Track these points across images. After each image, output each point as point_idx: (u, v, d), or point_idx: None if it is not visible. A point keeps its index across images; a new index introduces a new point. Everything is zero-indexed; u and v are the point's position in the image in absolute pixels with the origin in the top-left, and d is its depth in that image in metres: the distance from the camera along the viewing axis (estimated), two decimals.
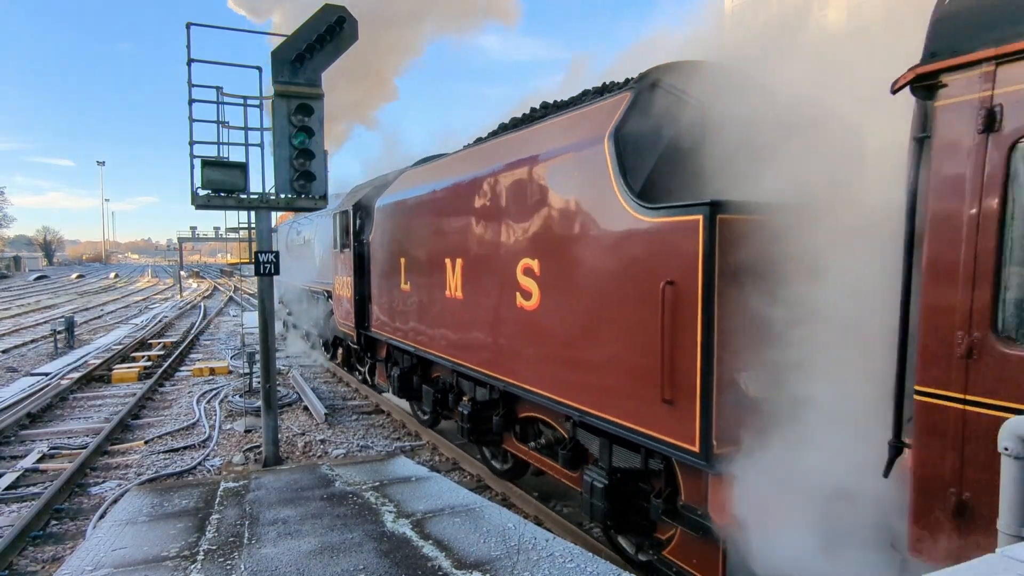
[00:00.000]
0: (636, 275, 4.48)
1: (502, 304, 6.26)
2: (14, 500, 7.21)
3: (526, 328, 5.89)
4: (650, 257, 4.34)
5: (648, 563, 5.17)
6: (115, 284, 57.30)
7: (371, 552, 4.68)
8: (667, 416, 4.24)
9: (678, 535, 4.68)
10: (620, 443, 4.96)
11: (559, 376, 5.45)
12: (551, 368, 5.56)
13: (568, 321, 5.27)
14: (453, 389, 8.03)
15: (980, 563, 1.71)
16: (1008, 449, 2.25)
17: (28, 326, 23.94)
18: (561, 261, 5.34)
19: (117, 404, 11.56)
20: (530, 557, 4.51)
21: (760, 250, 3.78)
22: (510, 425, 6.92)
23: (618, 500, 5.02)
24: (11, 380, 13.66)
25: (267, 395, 7.84)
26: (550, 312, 5.52)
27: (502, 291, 6.25)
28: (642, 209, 4.37)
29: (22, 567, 5.75)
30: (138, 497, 6.05)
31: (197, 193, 7.27)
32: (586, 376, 5.09)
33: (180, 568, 4.48)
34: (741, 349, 3.90)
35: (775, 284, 3.70)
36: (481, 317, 6.75)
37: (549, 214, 5.48)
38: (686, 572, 4.60)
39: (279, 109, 7.34)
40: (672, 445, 4.23)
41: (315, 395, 11.86)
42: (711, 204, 3.85)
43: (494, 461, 7.81)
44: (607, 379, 4.83)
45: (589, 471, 5.23)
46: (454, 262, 7.32)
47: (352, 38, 7.51)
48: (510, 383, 6.23)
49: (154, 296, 41.75)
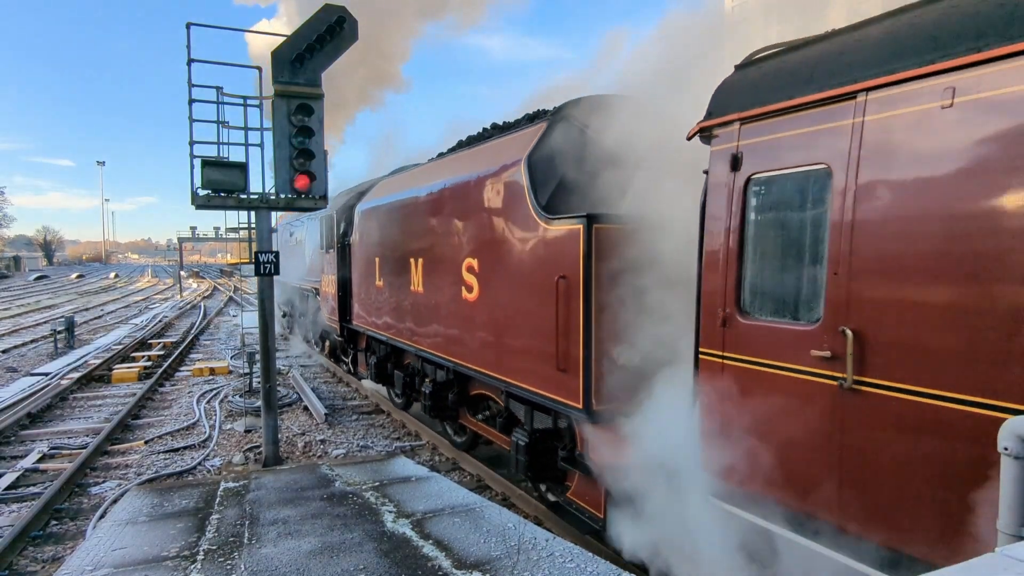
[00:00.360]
0: (542, 271, 5.68)
1: (452, 297, 7.49)
2: (14, 500, 7.21)
3: (470, 317, 7.10)
4: (551, 257, 5.55)
5: (557, 503, 6.39)
6: (115, 284, 57.29)
7: (371, 552, 4.68)
8: (563, 382, 5.44)
9: (576, 479, 5.86)
10: (538, 408, 6.18)
11: (494, 356, 6.61)
12: (489, 350, 6.71)
13: (498, 309, 6.51)
14: (419, 373, 9.25)
15: (979, 563, 1.71)
16: (1008, 449, 2.25)
17: (28, 326, 23.94)
18: (492, 260, 6.56)
19: (117, 404, 11.56)
20: (530, 557, 4.51)
21: (624, 252, 4.96)
22: (463, 402, 8.14)
23: (536, 455, 6.16)
24: (11, 380, 13.66)
25: (267, 395, 7.84)
26: (486, 303, 6.75)
27: (452, 286, 7.48)
28: (546, 219, 5.59)
29: (22, 567, 5.75)
30: (138, 497, 6.05)
31: (197, 193, 7.27)
32: (512, 354, 6.28)
33: (180, 568, 4.48)
34: (613, 328, 5.06)
35: (635, 278, 4.88)
36: (437, 309, 7.98)
37: (484, 221, 6.67)
38: (581, 507, 5.79)
39: (279, 109, 7.33)
40: (565, 404, 5.46)
41: (315, 395, 11.87)
42: (588, 216, 5.08)
43: (455, 435, 8.95)
44: (526, 355, 6.04)
45: (515, 433, 6.37)
46: (417, 261, 8.54)
47: (352, 38, 7.51)
48: (459, 364, 7.45)
49: (154, 296, 41.75)
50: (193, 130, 7.24)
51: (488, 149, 7.12)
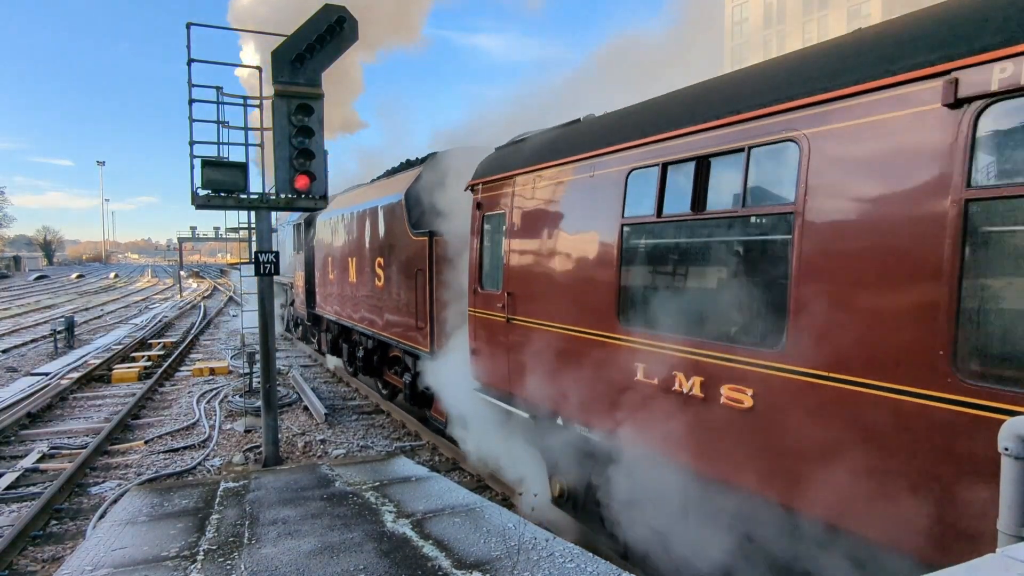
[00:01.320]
0: (410, 266, 8.91)
1: (371, 284, 10.64)
2: (14, 500, 7.21)
3: (379, 297, 10.28)
4: (414, 257, 8.78)
5: (426, 418, 9.75)
6: (115, 284, 57.26)
7: (371, 552, 4.68)
8: (421, 336, 8.68)
9: (434, 401, 9.15)
10: (415, 356, 9.31)
11: (392, 325, 9.78)
12: (389, 321, 9.88)
13: (391, 292, 9.72)
14: (358, 345, 12.22)
15: (980, 563, 1.71)
16: (1008, 449, 2.24)
17: (28, 326, 23.93)
18: (389, 258, 9.80)
19: (117, 404, 11.56)
20: (530, 557, 4.51)
21: (447, 253, 8.16)
22: (384, 362, 11.33)
23: (414, 388, 9.49)
24: (11, 380, 13.66)
25: (267, 395, 7.83)
26: (385, 287, 9.98)
27: (371, 276, 10.61)
28: (413, 233, 8.79)
29: (22, 567, 5.75)
30: (138, 497, 6.05)
31: (197, 193, 7.26)
32: (399, 322, 9.46)
33: (180, 568, 4.48)
34: (443, 300, 8.19)
35: (450, 270, 8.07)
36: (364, 294, 11.05)
37: (384, 231, 9.97)
38: (435, 418, 9.16)
39: (279, 109, 7.32)
40: (422, 350, 8.74)
41: (315, 395, 11.87)
42: (430, 232, 8.39)
43: (383, 390, 11.85)
44: (406, 322, 9.17)
45: (405, 376, 9.88)
46: (352, 260, 11.77)
47: (352, 38, 7.50)
48: (377, 333, 10.51)
49: (154, 296, 41.74)
50: (193, 130, 7.24)
51: (389, 182, 10.49)
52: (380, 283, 10.07)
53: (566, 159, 5.44)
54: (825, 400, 3.19)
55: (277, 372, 9.66)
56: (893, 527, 2.91)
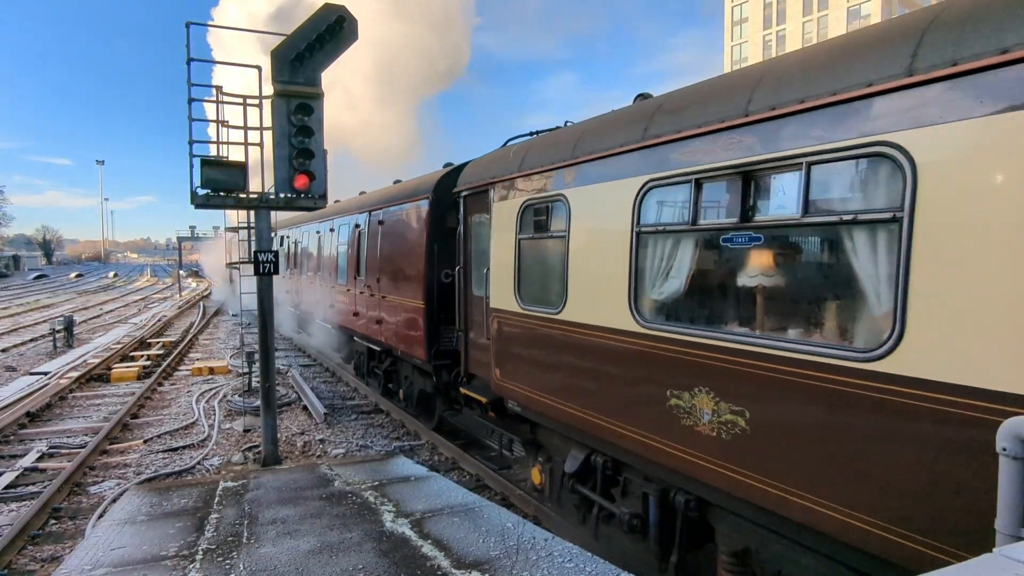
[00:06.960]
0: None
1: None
2: (13, 499, 7.20)
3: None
4: None
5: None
6: (114, 283, 57.24)
7: (370, 552, 4.68)
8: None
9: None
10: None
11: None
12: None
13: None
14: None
15: (978, 563, 1.71)
16: (1006, 449, 2.25)
17: (27, 325, 23.92)
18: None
19: (116, 403, 11.55)
20: (529, 557, 4.51)
21: None
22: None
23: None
24: (10, 379, 13.65)
25: (266, 395, 7.83)
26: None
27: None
28: None
29: (21, 566, 5.75)
30: (137, 496, 6.04)
31: (197, 192, 7.26)
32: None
33: (179, 567, 4.48)
34: None
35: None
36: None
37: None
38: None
39: (279, 109, 7.32)
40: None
41: (314, 395, 11.86)
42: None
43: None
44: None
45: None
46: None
47: (352, 37, 7.50)
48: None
49: (153, 295, 41.71)
50: (192, 129, 7.24)
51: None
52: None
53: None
54: None
55: (276, 372, 9.65)
56: None
